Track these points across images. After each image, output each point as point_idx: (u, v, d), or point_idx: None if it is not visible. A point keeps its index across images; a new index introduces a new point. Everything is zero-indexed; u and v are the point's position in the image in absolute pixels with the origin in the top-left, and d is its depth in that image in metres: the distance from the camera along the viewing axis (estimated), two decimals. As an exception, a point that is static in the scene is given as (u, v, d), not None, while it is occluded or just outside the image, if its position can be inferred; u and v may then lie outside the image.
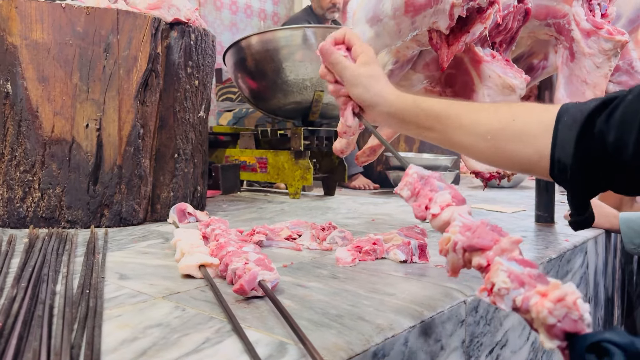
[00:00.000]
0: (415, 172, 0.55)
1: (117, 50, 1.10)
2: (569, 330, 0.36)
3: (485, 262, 0.43)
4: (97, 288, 0.62)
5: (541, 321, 0.37)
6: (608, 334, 0.33)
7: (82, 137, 1.08)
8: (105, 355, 0.44)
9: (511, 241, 0.44)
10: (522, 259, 0.43)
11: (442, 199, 0.52)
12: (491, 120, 0.65)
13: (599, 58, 0.92)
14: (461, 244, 0.46)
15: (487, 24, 0.72)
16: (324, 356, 0.44)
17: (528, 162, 0.62)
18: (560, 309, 0.36)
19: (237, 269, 0.62)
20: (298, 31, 1.70)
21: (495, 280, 0.41)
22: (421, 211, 0.53)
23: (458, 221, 0.47)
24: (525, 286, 0.40)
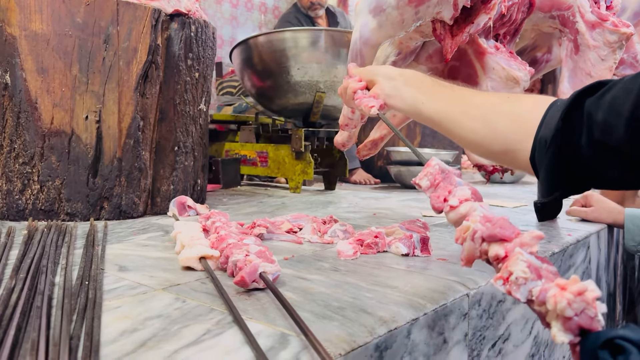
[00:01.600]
0: (437, 164, 0.55)
1: (117, 41, 1.09)
2: (584, 326, 0.35)
3: (504, 253, 0.43)
4: (96, 280, 0.61)
5: (558, 312, 0.36)
6: (622, 331, 0.33)
7: (81, 129, 1.08)
8: (104, 346, 0.43)
9: (532, 236, 0.43)
10: (541, 256, 0.42)
11: (462, 193, 0.52)
12: (485, 99, 0.70)
13: (604, 50, 0.91)
14: (481, 233, 0.45)
15: (491, 15, 0.71)
16: (326, 348, 0.43)
17: (515, 141, 0.64)
18: (579, 303, 0.35)
19: (238, 261, 0.61)
20: (305, 32, 1.69)
21: (514, 269, 0.40)
22: (439, 202, 0.52)
23: (479, 211, 0.47)
24: (543, 279, 0.39)
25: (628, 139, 0.50)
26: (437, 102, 0.74)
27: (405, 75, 0.78)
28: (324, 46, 1.68)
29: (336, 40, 1.68)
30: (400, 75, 0.78)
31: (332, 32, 1.72)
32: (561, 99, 0.61)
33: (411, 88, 0.76)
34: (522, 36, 1.06)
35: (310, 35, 1.70)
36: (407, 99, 0.76)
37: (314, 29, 1.85)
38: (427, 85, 0.77)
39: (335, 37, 1.69)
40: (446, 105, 0.73)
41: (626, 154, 0.52)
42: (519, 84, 0.84)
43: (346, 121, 0.92)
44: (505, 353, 0.74)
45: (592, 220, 1.20)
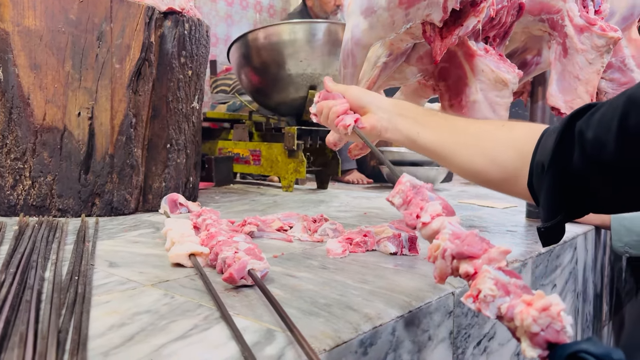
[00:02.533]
0: (408, 181, 0.56)
1: (110, 38, 1.09)
2: (551, 340, 0.36)
3: (473, 270, 0.44)
4: (86, 275, 0.62)
5: (525, 329, 0.37)
6: (585, 345, 0.34)
7: (73, 125, 1.08)
8: (92, 339, 0.44)
9: (499, 251, 0.44)
10: (508, 270, 0.43)
11: (433, 209, 0.52)
12: (480, 127, 0.71)
13: (592, 54, 0.93)
14: (450, 251, 0.46)
15: (480, 18, 0.72)
16: (311, 343, 0.44)
17: (513, 169, 0.65)
18: (544, 318, 0.36)
19: (227, 258, 0.62)
20: (300, 26, 1.69)
21: (482, 287, 0.41)
22: (412, 219, 0.53)
23: (448, 229, 0.48)
24: (511, 295, 0.40)
25: (619, 152, 0.51)
26: (433, 132, 0.74)
27: (398, 106, 0.79)
28: (322, 39, 1.68)
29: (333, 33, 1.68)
30: (393, 106, 0.79)
31: (331, 25, 1.72)
32: (554, 125, 0.61)
33: (406, 119, 0.77)
34: (512, 39, 1.08)
35: (308, 28, 1.70)
36: (403, 130, 0.76)
37: (313, 21, 1.85)
38: (421, 115, 0.77)
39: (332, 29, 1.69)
40: (442, 135, 0.74)
41: (618, 168, 0.52)
42: (507, 86, 0.85)
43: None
44: (490, 351, 0.75)
45: (580, 221, 1.21)
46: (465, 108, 0.88)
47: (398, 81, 1.01)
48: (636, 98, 0.49)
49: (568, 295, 1.12)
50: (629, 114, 0.49)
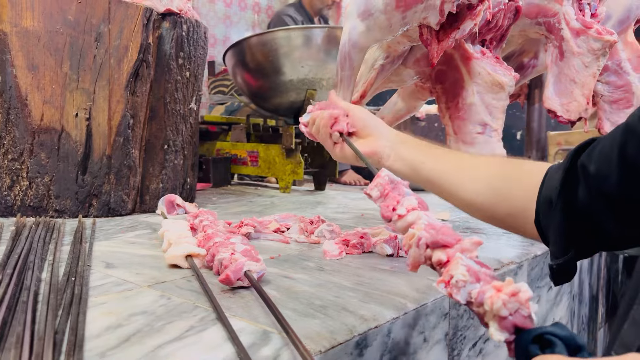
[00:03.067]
0: (386, 175, 0.57)
1: (108, 39, 1.09)
2: (518, 325, 0.37)
3: (446, 258, 0.45)
4: (82, 276, 0.62)
5: (494, 313, 0.38)
6: (551, 328, 0.35)
7: (71, 126, 1.08)
8: (89, 340, 0.44)
9: (472, 242, 0.46)
10: (479, 261, 0.45)
11: (409, 203, 0.54)
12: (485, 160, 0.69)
13: (588, 57, 0.93)
14: (425, 239, 0.48)
15: (477, 21, 0.72)
16: (307, 345, 0.44)
17: (519, 204, 0.62)
18: (513, 303, 0.37)
19: (224, 259, 0.62)
20: (297, 32, 1.70)
21: (455, 273, 0.42)
22: (388, 211, 0.54)
23: (424, 219, 0.50)
24: (481, 282, 0.42)
25: (620, 183, 0.50)
26: (438, 162, 0.72)
27: (401, 135, 0.78)
28: (318, 43, 1.68)
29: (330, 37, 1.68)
30: (397, 135, 0.78)
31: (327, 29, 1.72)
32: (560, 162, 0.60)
33: (410, 147, 0.75)
34: (509, 41, 1.08)
35: (304, 33, 1.70)
36: (407, 158, 0.74)
37: (307, 27, 1.85)
38: (425, 145, 0.76)
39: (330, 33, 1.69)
40: (446, 166, 0.71)
41: (622, 200, 0.51)
42: (504, 89, 0.86)
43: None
44: (486, 353, 0.75)
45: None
46: (461, 110, 0.88)
47: (395, 83, 1.01)
48: (634, 127, 0.49)
49: (564, 298, 1.12)
50: (627, 143, 0.49)
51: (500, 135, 0.88)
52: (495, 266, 0.77)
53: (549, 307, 1.01)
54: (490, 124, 0.87)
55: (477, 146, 0.87)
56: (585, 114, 0.95)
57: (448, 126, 0.92)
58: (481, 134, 0.87)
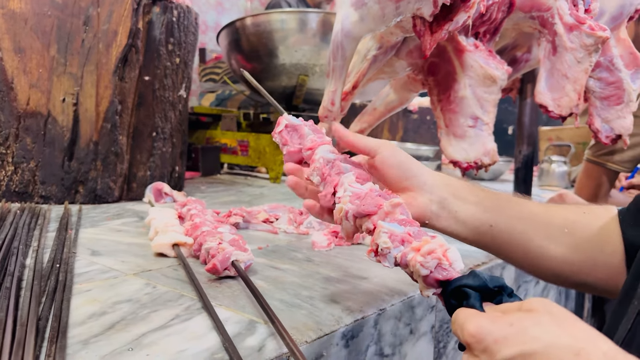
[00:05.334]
0: (321, 157, 0.53)
1: (96, 23, 1.07)
2: (441, 279, 0.39)
3: (372, 226, 0.46)
4: (67, 263, 0.61)
5: (417, 273, 0.40)
6: (466, 279, 0.37)
7: (58, 111, 1.06)
8: (72, 327, 0.43)
9: (391, 204, 0.46)
10: (403, 219, 0.46)
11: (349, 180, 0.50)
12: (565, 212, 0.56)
13: (580, 53, 0.93)
14: (351, 212, 0.48)
15: (470, 13, 0.72)
16: (292, 335, 0.44)
17: (605, 255, 0.52)
18: (431, 261, 0.39)
19: (211, 249, 0.62)
20: (293, 15, 1.68)
21: (379, 242, 0.44)
22: (327, 201, 0.52)
23: (348, 191, 0.50)
24: (405, 244, 0.43)
25: None
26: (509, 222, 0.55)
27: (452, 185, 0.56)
28: (313, 28, 1.67)
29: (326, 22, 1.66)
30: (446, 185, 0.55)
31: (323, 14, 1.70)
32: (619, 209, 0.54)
33: (468, 204, 0.55)
34: (503, 35, 1.08)
35: (299, 17, 1.68)
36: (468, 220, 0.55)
37: (302, 10, 1.84)
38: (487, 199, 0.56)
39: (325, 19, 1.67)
40: (524, 226, 0.55)
41: None
42: (496, 82, 0.86)
43: (325, 112, 0.92)
44: (471, 346, 0.76)
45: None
46: (453, 103, 0.88)
47: (387, 74, 1.00)
48: None
49: (551, 292, 1.13)
50: None
51: (492, 129, 0.88)
52: (483, 260, 0.77)
53: (535, 301, 1.02)
54: (481, 118, 0.87)
55: (468, 139, 0.87)
56: (576, 110, 0.95)
57: (439, 119, 0.92)
58: (472, 127, 0.87)
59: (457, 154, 0.87)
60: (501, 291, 0.37)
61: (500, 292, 0.37)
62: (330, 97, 0.90)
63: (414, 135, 2.37)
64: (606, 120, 1.11)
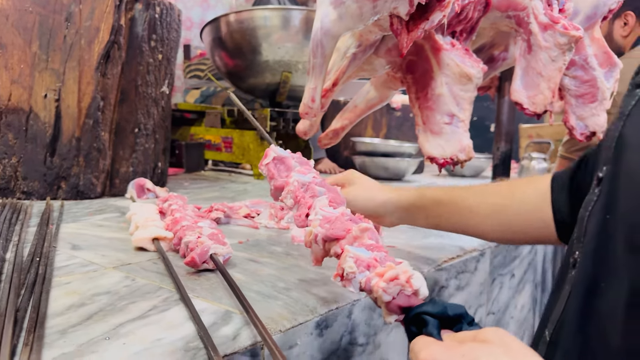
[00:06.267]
0: (295, 180, 0.56)
1: (79, 20, 1.08)
2: (403, 305, 0.39)
3: (340, 250, 0.47)
4: (47, 257, 0.62)
5: (379, 299, 0.40)
6: (425, 307, 0.38)
7: (40, 107, 1.06)
8: (51, 318, 0.44)
9: (360, 229, 0.47)
10: (370, 244, 0.46)
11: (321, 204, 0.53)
12: (495, 197, 0.68)
13: (555, 52, 0.95)
14: (320, 235, 0.49)
15: (445, 12, 0.73)
16: (267, 324, 0.45)
17: (536, 231, 0.64)
18: (394, 287, 0.40)
19: (190, 242, 0.63)
20: (276, 12, 1.68)
21: (344, 266, 0.44)
22: (301, 221, 0.54)
23: (319, 215, 0.50)
24: (370, 269, 0.43)
25: None
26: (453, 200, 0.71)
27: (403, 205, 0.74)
28: (296, 25, 1.67)
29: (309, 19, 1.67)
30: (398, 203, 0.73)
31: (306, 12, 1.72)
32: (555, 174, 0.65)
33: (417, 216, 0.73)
34: (481, 34, 1.10)
35: (282, 14, 1.69)
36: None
37: (285, 7, 1.84)
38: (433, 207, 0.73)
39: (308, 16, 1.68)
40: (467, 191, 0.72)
41: None
42: (471, 80, 0.88)
43: (306, 109, 0.93)
44: (446, 337, 0.77)
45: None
46: (430, 101, 0.90)
47: (367, 72, 1.02)
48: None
49: (527, 286, 1.15)
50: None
51: (468, 126, 0.90)
52: (458, 253, 0.80)
53: (511, 295, 1.04)
54: (457, 115, 0.89)
55: (445, 136, 0.89)
56: (550, 107, 0.97)
57: (417, 116, 0.93)
58: (448, 124, 0.89)
59: (433, 150, 0.89)
60: (461, 319, 0.37)
61: (459, 320, 0.37)
62: (310, 94, 0.91)
63: (397, 133, 2.39)
64: (581, 118, 1.14)
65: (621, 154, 0.42)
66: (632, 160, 0.41)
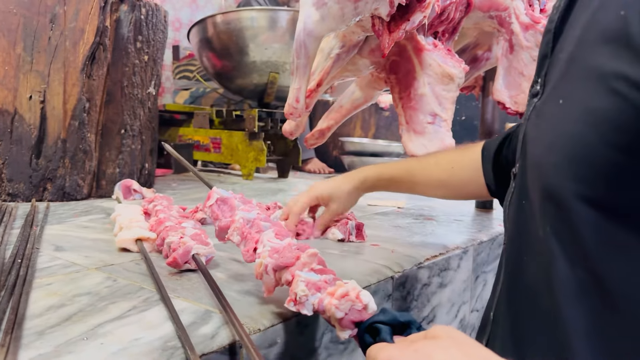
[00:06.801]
0: (241, 218, 0.58)
1: (63, 21, 1.08)
2: (356, 320, 0.41)
3: (291, 277, 0.48)
4: (30, 258, 0.62)
5: (333, 317, 0.42)
6: (377, 316, 0.41)
7: (25, 108, 1.06)
8: (29, 319, 0.44)
9: (308, 255, 0.49)
10: (320, 268, 0.49)
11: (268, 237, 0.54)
12: (438, 173, 0.78)
13: (536, 51, 0.96)
14: (271, 265, 0.50)
15: (426, 13, 0.74)
16: (247, 323, 0.46)
17: (476, 194, 0.78)
18: (345, 303, 0.42)
19: (172, 243, 0.63)
20: (263, 13, 1.69)
21: (297, 290, 0.45)
22: (249, 256, 0.55)
23: (267, 246, 0.52)
24: (321, 290, 0.45)
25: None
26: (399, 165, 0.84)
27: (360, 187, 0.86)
28: (283, 26, 1.68)
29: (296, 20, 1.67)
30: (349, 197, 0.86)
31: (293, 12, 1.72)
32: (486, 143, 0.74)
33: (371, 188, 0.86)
34: (465, 34, 1.11)
35: (269, 14, 1.69)
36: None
37: (272, 8, 1.85)
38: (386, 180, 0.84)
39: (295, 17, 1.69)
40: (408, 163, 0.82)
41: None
42: (453, 80, 0.88)
43: (290, 110, 0.94)
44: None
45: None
46: (413, 101, 0.91)
47: (351, 73, 1.02)
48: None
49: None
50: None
51: (450, 126, 0.91)
52: (441, 251, 0.80)
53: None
54: (440, 115, 0.90)
55: (427, 135, 0.90)
56: (532, 106, 0.98)
57: (401, 116, 0.94)
58: (431, 123, 0.90)
59: (417, 149, 0.90)
60: (410, 325, 0.40)
61: (409, 326, 0.40)
62: (294, 94, 0.92)
63: (385, 132, 2.40)
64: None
65: (526, 150, 0.48)
66: (531, 152, 0.47)
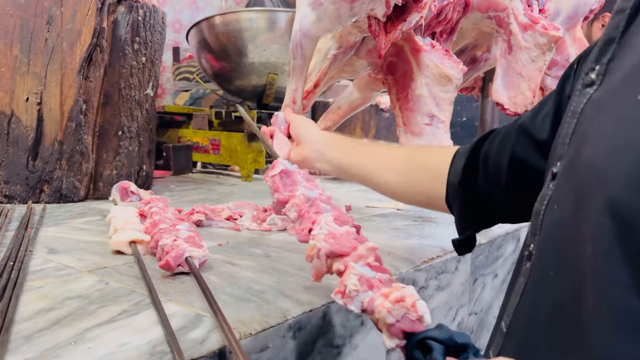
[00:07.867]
0: (302, 194, 0.56)
1: (60, 23, 1.07)
2: (407, 330, 0.38)
3: (343, 267, 0.46)
4: (22, 261, 0.61)
5: (382, 321, 0.39)
6: (431, 332, 0.36)
7: (21, 110, 1.06)
8: (18, 323, 0.44)
9: (367, 248, 0.46)
10: (376, 265, 0.45)
11: (326, 220, 0.52)
12: (401, 154, 0.76)
13: (534, 52, 0.96)
14: (324, 250, 0.48)
15: (423, 14, 0.74)
16: (237, 327, 0.45)
17: (433, 189, 0.68)
18: (399, 309, 0.38)
19: (166, 245, 0.63)
20: (261, 14, 1.68)
21: (347, 283, 0.43)
22: (304, 235, 0.54)
23: (324, 229, 0.49)
24: (374, 289, 0.42)
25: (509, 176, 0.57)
26: (360, 163, 0.78)
27: (326, 138, 0.82)
28: (282, 27, 1.68)
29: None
30: (322, 138, 0.82)
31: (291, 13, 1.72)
32: (464, 146, 0.67)
33: (334, 151, 0.80)
34: (464, 35, 1.10)
35: (268, 15, 1.69)
36: (333, 161, 0.80)
37: (271, 9, 1.85)
38: (348, 147, 0.81)
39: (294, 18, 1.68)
40: (368, 165, 0.77)
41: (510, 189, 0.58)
42: (451, 81, 0.88)
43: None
44: (427, 337, 0.78)
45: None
46: (410, 102, 0.90)
47: (349, 74, 1.02)
48: (526, 128, 0.56)
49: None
50: (517, 142, 0.56)
51: (448, 127, 0.90)
52: (438, 254, 0.80)
53: (494, 295, 1.04)
54: (437, 116, 0.89)
55: (425, 137, 0.89)
56: (530, 107, 0.98)
57: (398, 117, 0.94)
58: (429, 125, 0.89)
59: (414, 151, 0.90)
60: (466, 348, 0.35)
61: (465, 349, 0.35)
62: (291, 95, 0.91)
63: (386, 134, 2.39)
64: (563, 118, 1.15)
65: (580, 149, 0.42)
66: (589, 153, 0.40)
